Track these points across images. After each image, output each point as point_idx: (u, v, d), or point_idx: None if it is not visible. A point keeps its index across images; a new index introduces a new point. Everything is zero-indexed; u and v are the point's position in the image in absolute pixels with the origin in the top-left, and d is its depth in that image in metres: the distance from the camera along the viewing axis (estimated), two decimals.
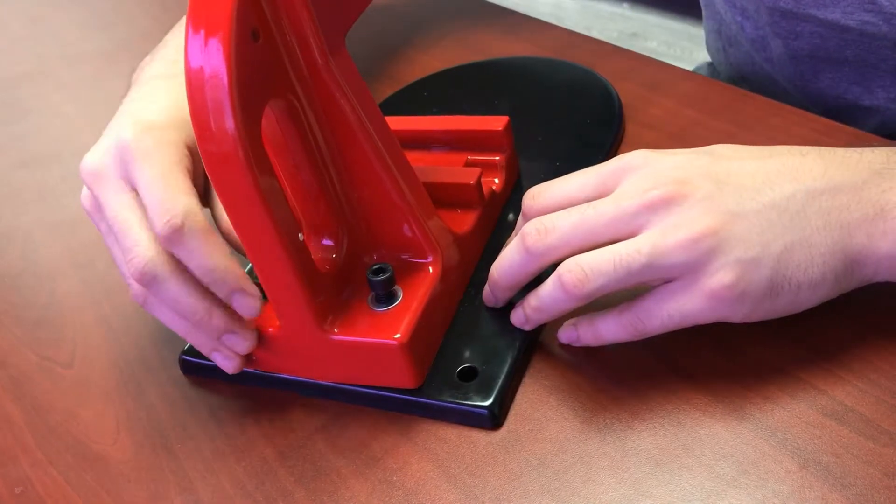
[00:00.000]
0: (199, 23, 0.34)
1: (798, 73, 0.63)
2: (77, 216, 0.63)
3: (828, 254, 0.37)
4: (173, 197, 0.38)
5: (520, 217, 0.44)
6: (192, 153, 0.42)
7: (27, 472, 0.45)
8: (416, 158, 0.53)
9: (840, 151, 0.39)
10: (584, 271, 0.38)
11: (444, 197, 0.47)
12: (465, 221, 0.47)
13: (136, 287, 0.41)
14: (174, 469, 0.43)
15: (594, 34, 0.71)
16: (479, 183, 0.48)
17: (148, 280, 0.39)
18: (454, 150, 0.53)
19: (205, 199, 0.43)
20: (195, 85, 0.35)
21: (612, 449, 0.39)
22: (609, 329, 0.40)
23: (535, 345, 0.44)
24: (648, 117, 0.59)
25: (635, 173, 0.39)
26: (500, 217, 0.51)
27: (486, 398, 0.41)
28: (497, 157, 0.52)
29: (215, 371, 0.47)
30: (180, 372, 0.48)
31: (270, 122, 0.39)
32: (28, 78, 0.86)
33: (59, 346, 0.52)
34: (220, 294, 0.40)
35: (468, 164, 0.51)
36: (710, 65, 0.82)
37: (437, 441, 0.41)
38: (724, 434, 0.38)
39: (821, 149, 0.39)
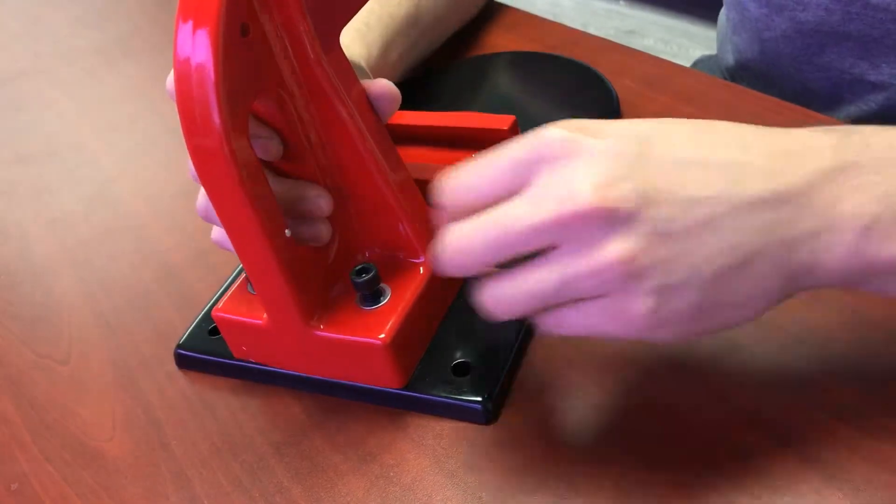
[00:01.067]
0: (188, 15, 0.34)
1: (802, 49, 0.63)
2: (73, 213, 0.63)
3: (766, 273, 0.33)
4: None
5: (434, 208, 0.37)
6: None
7: (24, 469, 0.45)
8: (418, 154, 0.52)
9: (786, 139, 0.34)
10: (497, 302, 0.34)
11: None
12: None
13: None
14: (171, 465, 0.43)
15: (591, 31, 0.71)
16: None
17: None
18: (458, 148, 0.52)
19: None
20: (182, 77, 0.35)
21: (608, 443, 0.38)
22: (527, 315, 0.35)
23: (531, 340, 0.44)
24: (646, 113, 0.59)
25: (552, 169, 0.32)
26: None
27: (480, 393, 0.41)
28: None
29: (210, 364, 0.47)
30: (176, 368, 0.48)
31: (261, 116, 0.39)
32: (24, 75, 0.85)
33: (55, 344, 0.52)
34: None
35: None
36: (710, 58, 0.82)
37: (433, 437, 0.41)
38: (713, 417, 0.38)
39: (766, 135, 0.34)
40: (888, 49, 0.58)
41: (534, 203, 0.32)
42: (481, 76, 0.66)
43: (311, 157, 0.41)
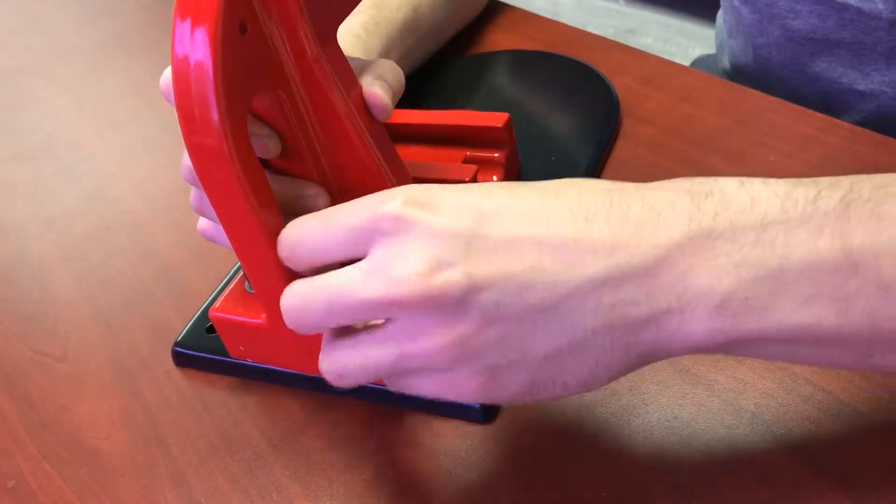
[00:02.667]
0: (187, 12, 0.34)
1: (794, 58, 0.63)
2: (71, 210, 0.63)
3: (606, 351, 0.31)
4: None
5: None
6: None
7: (20, 467, 0.45)
8: (414, 153, 0.52)
9: (638, 207, 0.31)
10: (337, 372, 0.34)
11: None
12: None
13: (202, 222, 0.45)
14: (168, 463, 0.43)
15: (590, 30, 0.71)
16: (474, 180, 0.48)
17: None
18: (453, 146, 0.52)
19: None
20: (180, 75, 0.34)
21: (607, 442, 0.38)
22: (364, 377, 0.35)
23: None
24: (645, 112, 0.59)
25: (386, 245, 0.31)
26: None
27: None
28: (496, 154, 0.51)
29: (208, 362, 0.47)
30: (174, 366, 0.48)
31: (260, 114, 0.39)
32: (22, 71, 0.85)
33: (52, 341, 0.52)
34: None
35: (467, 161, 0.51)
36: (709, 57, 0.82)
37: (431, 435, 0.41)
38: (713, 417, 0.38)
39: (618, 200, 0.31)
40: (879, 57, 0.59)
41: (366, 279, 0.31)
42: (480, 74, 0.66)
43: (309, 156, 0.41)
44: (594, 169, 0.53)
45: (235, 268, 0.51)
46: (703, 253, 0.30)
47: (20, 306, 0.55)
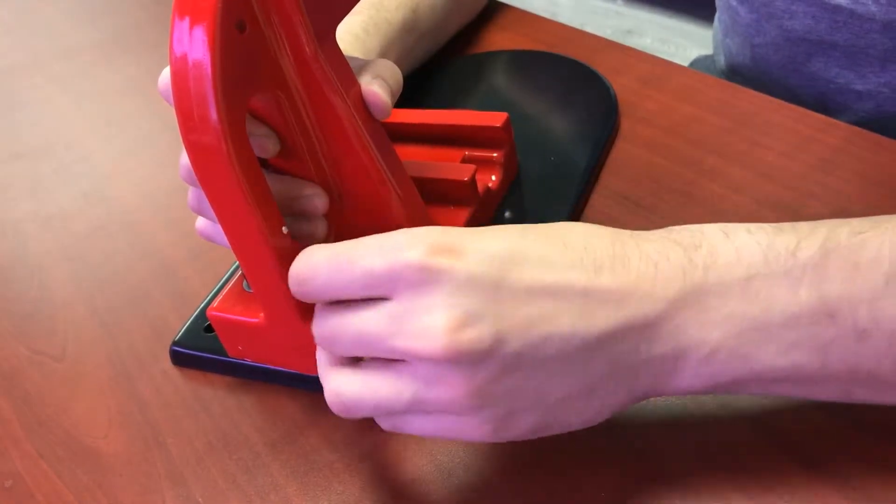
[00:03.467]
0: (185, 11, 0.34)
1: (790, 58, 0.63)
2: (69, 209, 0.63)
3: (611, 396, 0.34)
4: None
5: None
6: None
7: (17, 466, 0.44)
8: (412, 152, 0.52)
9: (633, 257, 0.33)
10: (346, 405, 0.34)
11: (437, 193, 0.47)
12: (457, 218, 0.47)
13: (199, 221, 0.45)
14: (165, 463, 0.43)
15: (588, 30, 0.71)
16: (473, 180, 0.48)
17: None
18: (452, 146, 0.52)
19: None
20: (179, 74, 0.34)
21: (607, 441, 0.38)
22: (373, 413, 0.35)
23: None
24: (644, 112, 0.59)
25: (411, 295, 0.32)
26: (497, 214, 0.51)
27: None
28: (495, 154, 0.51)
29: (205, 362, 0.47)
30: (172, 365, 0.48)
31: (258, 113, 0.39)
32: (20, 70, 0.85)
33: (50, 340, 0.52)
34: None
35: (465, 160, 0.51)
36: (707, 57, 0.82)
37: None
38: (714, 417, 0.38)
39: (615, 249, 0.34)
40: (873, 59, 0.59)
41: (391, 329, 0.32)
42: (479, 74, 0.66)
43: (308, 155, 0.41)
44: (593, 169, 0.53)
45: (234, 267, 0.51)
46: (696, 306, 0.33)
47: (18, 305, 0.55)
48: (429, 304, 0.31)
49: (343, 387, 0.34)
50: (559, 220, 0.49)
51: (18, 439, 0.46)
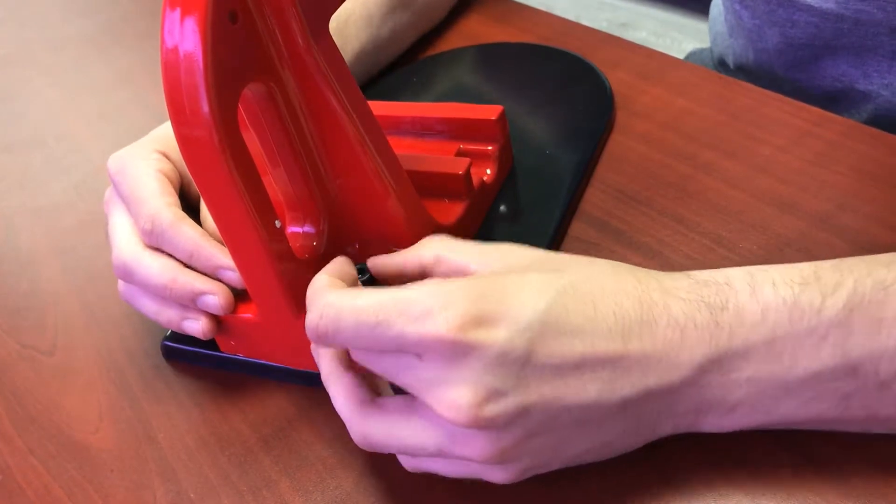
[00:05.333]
0: (176, 2, 0.34)
1: (795, 61, 0.63)
2: (59, 202, 0.62)
3: (627, 445, 0.35)
4: (140, 205, 0.44)
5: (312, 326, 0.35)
6: (168, 152, 0.48)
7: (7, 461, 0.44)
8: (407, 145, 0.52)
9: (661, 321, 0.33)
10: (372, 447, 0.36)
11: (431, 186, 0.47)
12: (451, 212, 0.47)
13: (120, 284, 0.46)
14: (157, 458, 0.42)
15: (584, 23, 0.71)
16: (467, 174, 0.47)
17: (120, 272, 0.44)
18: (446, 139, 0.52)
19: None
20: (170, 66, 0.34)
21: None
22: (400, 453, 0.37)
23: None
24: (640, 106, 0.58)
25: (440, 367, 0.32)
26: (492, 208, 0.51)
27: None
28: (490, 147, 0.51)
29: (197, 357, 0.47)
30: (163, 360, 0.48)
31: (251, 105, 0.39)
32: (10, 62, 0.84)
33: (40, 334, 0.52)
34: (207, 271, 0.43)
35: (459, 154, 0.50)
36: (703, 50, 0.81)
37: None
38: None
39: (643, 313, 0.34)
40: (880, 59, 0.58)
41: (418, 383, 0.33)
42: (474, 67, 0.65)
43: (301, 148, 0.41)
44: (588, 163, 0.53)
45: None
46: (720, 370, 0.33)
47: (7, 299, 0.55)
48: (457, 378, 0.32)
49: (370, 431, 0.35)
50: (554, 216, 0.49)
51: (8, 434, 0.46)
